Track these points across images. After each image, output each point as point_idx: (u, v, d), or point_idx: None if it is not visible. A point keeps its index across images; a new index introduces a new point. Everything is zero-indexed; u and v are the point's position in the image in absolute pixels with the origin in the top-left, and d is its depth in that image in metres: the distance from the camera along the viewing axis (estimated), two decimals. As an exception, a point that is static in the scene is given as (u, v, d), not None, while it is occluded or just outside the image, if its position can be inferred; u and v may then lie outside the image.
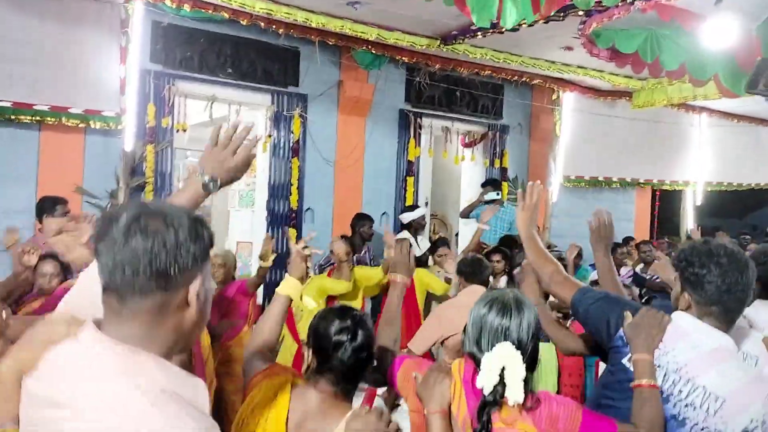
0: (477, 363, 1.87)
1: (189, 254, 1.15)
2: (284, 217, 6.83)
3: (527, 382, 1.82)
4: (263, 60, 6.71)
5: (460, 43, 6.50)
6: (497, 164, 8.42)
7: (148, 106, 6.05)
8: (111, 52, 5.86)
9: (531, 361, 1.88)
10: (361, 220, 6.47)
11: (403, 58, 7.03)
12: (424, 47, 6.62)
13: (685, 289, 2.03)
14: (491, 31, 5.87)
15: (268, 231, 6.67)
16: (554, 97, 8.61)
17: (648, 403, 1.91)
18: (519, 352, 1.83)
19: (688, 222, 10.85)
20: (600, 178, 9.29)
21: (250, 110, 6.77)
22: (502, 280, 5.67)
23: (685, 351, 1.95)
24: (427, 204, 9.05)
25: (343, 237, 5.68)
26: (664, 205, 11.50)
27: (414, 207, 7.02)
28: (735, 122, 9.99)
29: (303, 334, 5.00)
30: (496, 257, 5.86)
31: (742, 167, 10.74)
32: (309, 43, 6.54)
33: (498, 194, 7.18)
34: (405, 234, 6.70)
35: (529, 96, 8.63)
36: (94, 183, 5.86)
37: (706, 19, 5.28)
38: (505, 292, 1.98)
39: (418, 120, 7.72)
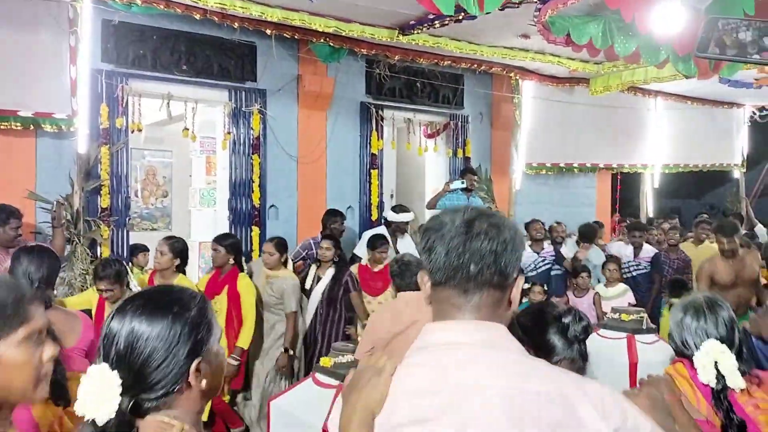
0: (689, 360, 2.16)
1: (516, 258, 1.28)
2: (247, 215, 6.73)
3: (741, 368, 2.10)
4: (219, 56, 6.58)
5: (418, 32, 6.47)
6: (460, 154, 8.44)
7: (100, 107, 5.89)
8: (60, 53, 5.69)
9: (738, 351, 2.15)
10: (333, 216, 6.41)
11: (362, 50, 6.97)
12: (383, 39, 6.57)
13: None
14: (449, 20, 5.85)
15: (230, 230, 6.56)
16: (514, 85, 8.65)
17: None
18: (725, 345, 2.11)
19: (648, 204, 11.04)
20: (561, 165, 9.38)
21: (207, 107, 6.64)
22: (329, 272, 5.51)
23: None
24: (392, 197, 9.03)
25: (327, 236, 5.72)
26: (625, 188, 11.68)
27: (403, 209, 6.87)
28: (690, 104, 10.20)
29: None
30: (326, 244, 5.60)
31: (698, 148, 10.96)
32: (265, 37, 6.43)
33: (463, 183, 7.18)
34: (382, 230, 6.64)
35: (489, 85, 8.66)
36: (47, 187, 5.68)
37: (654, 6, 5.31)
38: (697, 297, 2.29)
39: (380, 112, 7.68)
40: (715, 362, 2.07)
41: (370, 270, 5.85)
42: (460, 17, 5.67)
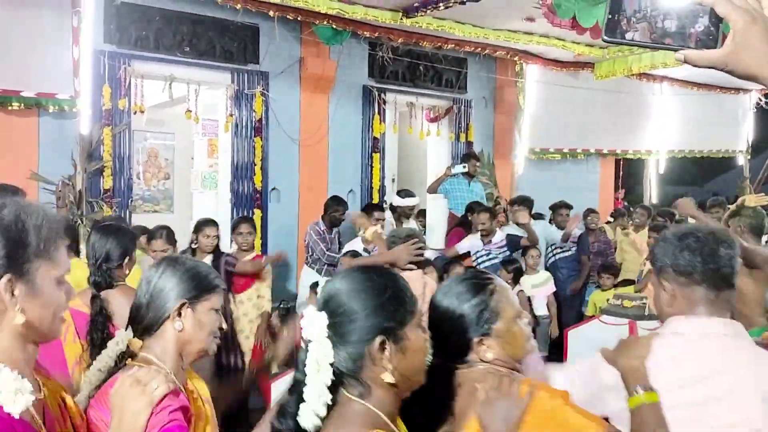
0: None
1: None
2: (249, 198, 6.73)
3: None
4: (222, 37, 6.55)
5: (422, 15, 6.42)
6: (463, 138, 8.40)
7: (103, 88, 5.88)
8: (62, 33, 5.67)
9: None
10: (335, 204, 6.27)
11: (366, 33, 6.92)
12: (386, 21, 6.52)
13: None
14: (453, 2, 5.81)
15: (233, 212, 6.57)
16: (518, 69, 8.60)
17: None
18: None
19: (652, 191, 11.00)
20: (565, 150, 9.34)
21: (209, 89, 6.62)
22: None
23: None
24: (394, 181, 9.03)
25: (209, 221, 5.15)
26: (628, 174, 11.65)
27: (409, 194, 6.80)
28: (696, 90, 10.12)
29: None
30: (212, 231, 4.99)
31: (703, 134, 10.89)
32: (268, 18, 6.39)
33: (465, 167, 7.17)
34: (386, 215, 6.63)
35: (493, 69, 8.60)
36: (49, 168, 5.69)
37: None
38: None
39: (382, 96, 7.64)
40: None
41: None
42: (464, 0, 5.63)
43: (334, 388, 1.31)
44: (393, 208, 6.68)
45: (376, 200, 7.59)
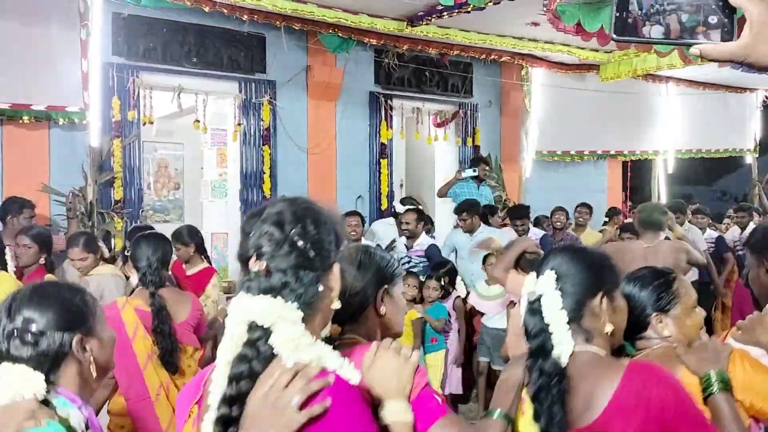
0: None
1: None
2: (258, 206, 6.75)
3: None
4: (229, 48, 6.61)
5: (427, 24, 6.45)
6: (470, 143, 8.43)
7: (112, 100, 5.95)
8: (71, 46, 5.73)
9: None
10: (348, 216, 5.79)
11: (371, 41, 6.96)
12: (391, 30, 6.56)
13: None
14: (457, 10, 5.85)
15: (242, 221, 6.59)
16: (523, 73, 8.61)
17: None
18: None
19: (661, 191, 10.97)
20: (572, 152, 9.35)
21: (217, 99, 6.67)
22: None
23: None
24: (402, 186, 9.05)
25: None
26: (636, 175, 11.63)
27: (410, 202, 6.75)
28: (702, 90, 10.09)
29: None
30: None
31: (710, 134, 10.86)
32: (274, 28, 6.45)
33: (475, 171, 7.21)
34: (391, 221, 6.66)
35: (498, 73, 8.62)
36: (60, 179, 5.75)
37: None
38: None
39: (389, 102, 7.68)
40: None
41: (183, 272, 4.60)
42: (469, 8, 5.67)
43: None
44: (395, 214, 6.71)
45: (384, 206, 7.61)
